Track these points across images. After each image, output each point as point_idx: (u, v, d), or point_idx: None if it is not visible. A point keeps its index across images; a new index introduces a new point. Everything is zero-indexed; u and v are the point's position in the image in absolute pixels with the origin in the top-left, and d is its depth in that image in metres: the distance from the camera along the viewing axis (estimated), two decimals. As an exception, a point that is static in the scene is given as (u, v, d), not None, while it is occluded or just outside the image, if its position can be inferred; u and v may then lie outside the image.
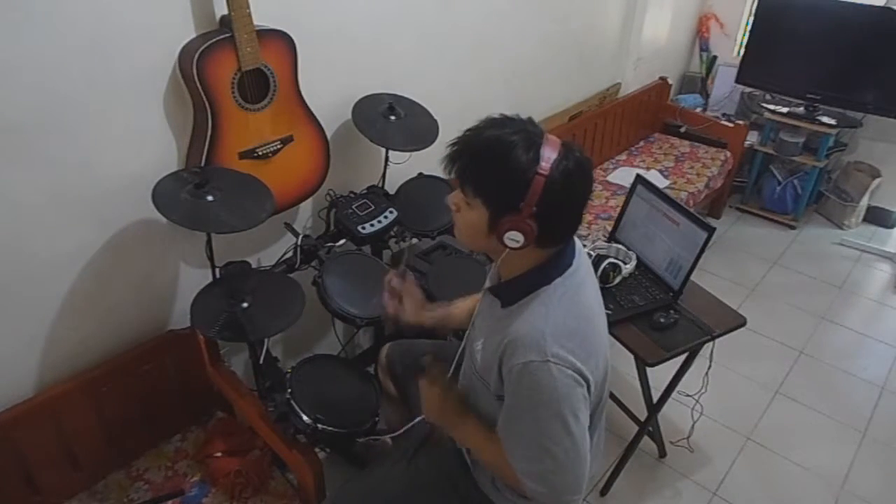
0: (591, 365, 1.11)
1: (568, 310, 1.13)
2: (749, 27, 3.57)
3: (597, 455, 1.33)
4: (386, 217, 1.94)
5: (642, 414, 2.12)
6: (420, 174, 2.16)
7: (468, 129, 1.10)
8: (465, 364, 1.35)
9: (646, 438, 2.15)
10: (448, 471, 1.37)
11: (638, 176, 2.14)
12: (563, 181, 1.03)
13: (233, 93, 1.56)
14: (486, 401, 1.23)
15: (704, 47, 4.03)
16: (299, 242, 1.84)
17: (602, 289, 1.33)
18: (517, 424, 1.13)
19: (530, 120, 1.10)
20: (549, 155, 1.03)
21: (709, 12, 3.97)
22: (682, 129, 3.69)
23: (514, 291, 1.17)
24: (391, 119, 1.94)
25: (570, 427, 1.08)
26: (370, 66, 2.04)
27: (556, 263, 1.15)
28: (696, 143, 3.61)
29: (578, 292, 1.17)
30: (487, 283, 1.28)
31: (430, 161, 2.21)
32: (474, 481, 1.36)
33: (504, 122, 1.08)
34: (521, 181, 1.03)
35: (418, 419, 1.49)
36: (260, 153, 1.68)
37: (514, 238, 1.07)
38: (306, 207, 2.05)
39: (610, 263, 1.98)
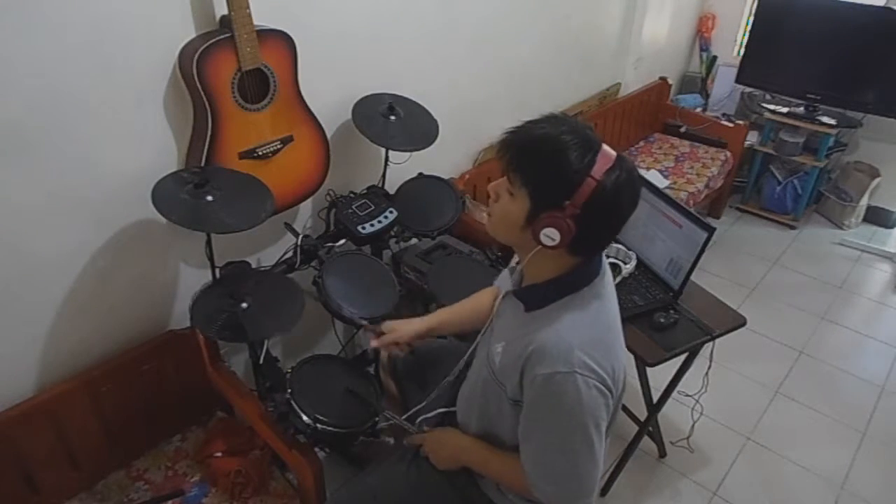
0: (615, 376, 1.12)
1: (595, 320, 1.13)
2: (749, 27, 3.57)
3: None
4: (386, 217, 1.94)
5: (642, 414, 2.12)
6: (420, 174, 2.16)
7: (527, 121, 1.09)
8: (478, 365, 1.34)
9: (646, 438, 2.15)
10: (449, 472, 1.37)
11: (638, 176, 2.14)
12: (613, 190, 1.03)
13: (233, 93, 1.56)
14: (497, 403, 1.23)
15: (704, 47, 4.03)
16: (299, 242, 1.84)
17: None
18: (537, 431, 1.14)
19: (589, 126, 1.10)
20: (603, 162, 1.03)
21: (709, 12, 3.98)
22: (682, 129, 3.69)
23: (540, 296, 1.16)
24: (391, 119, 1.94)
25: (591, 437, 1.09)
26: (370, 66, 2.04)
27: (585, 271, 1.14)
28: (696, 143, 3.61)
29: (604, 302, 1.17)
30: (508, 286, 1.27)
31: (430, 161, 2.22)
32: (476, 482, 1.36)
33: (563, 120, 1.08)
34: (572, 180, 1.03)
35: (420, 417, 1.49)
36: (260, 153, 1.68)
37: (550, 235, 1.05)
38: (306, 207, 2.05)
39: (610, 263, 1.98)
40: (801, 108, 3.45)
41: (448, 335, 1.62)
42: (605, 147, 1.06)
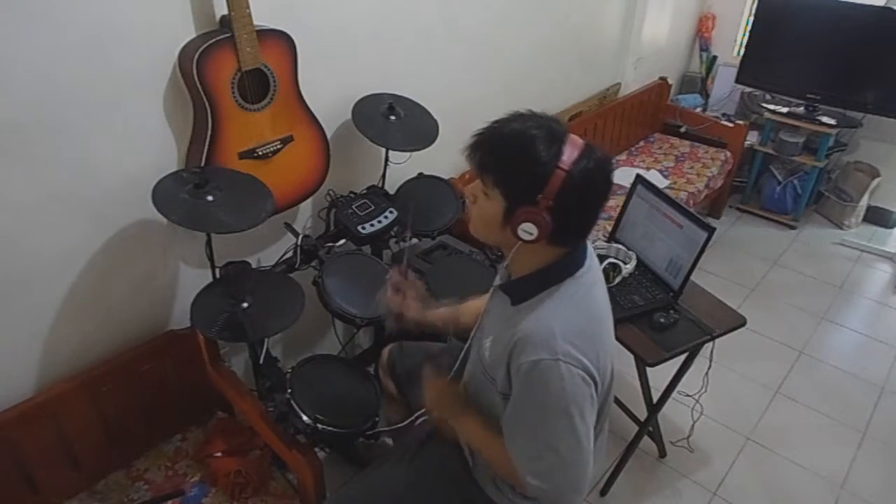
0: (599, 365, 1.12)
1: (578, 309, 1.14)
2: (749, 27, 3.57)
3: (599, 456, 1.34)
4: (386, 217, 1.94)
5: (642, 414, 2.12)
6: (420, 174, 2.16)
7: (493, 121, 1.10)
8: (472, 363, 1.35)
9: (646, 438, 2.15)
10: (449, 471, 1.37)
11: (638, 176, 2.14)
12: (582, 179, 1.05)
13: (233, 93, 1.56)
14: (490, 399, 1.24)
15: (704, 47, 4.03)
16: (299, 242, 1.84)
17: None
18: (523, 421, 1.14)
19: (555, 118, 1.11)
20: (571, 152, 1.05)
21: (709, 12, 3.98)
22: (682, 129, 3.69)
23: (524, 289, 1.17)
24: (391, 119, 1.94)
25: (575, 426, 1.09)
26: (370, 65, 2.04)
27: (567, 263, 1.15)
28: (696, 143, 3.61)
29: (589, 293, 1.18)
30: (497, 281, 1.28)
31: (430, 161, 2.21)
32: (475, 481, 1.36)
33: (529, 116, 1.09)
34: (542, 174, 1.04)
35: (421, 419, 1.49)
36: (260, 153, 1.68)
37: (527, 230, 1.07)
38: (306, 207, 2.05)
39: (610, 263, 1.98)
40: (801, 108, 3.45)
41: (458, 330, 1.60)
42: (573, 136, 1.07)
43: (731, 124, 3.57)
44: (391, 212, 1.95)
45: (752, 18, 3.58)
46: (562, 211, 1.06)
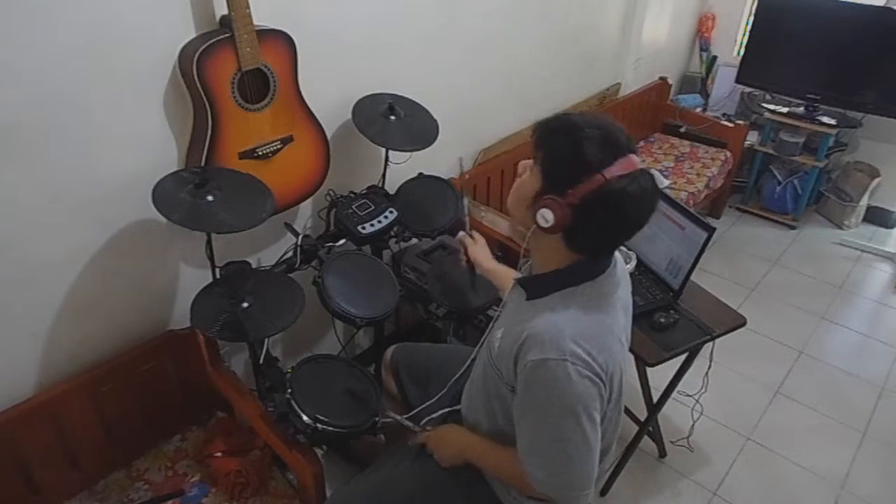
0: (608, 370, 1.11)
1: (593, 316, 1.14)
2: (749, 27, 3.57)
3: (607, 459, 1.35)
4: (386, 217, 1.94)
5: (642, 414, 2.12)
6: (420, 174, 2.16)
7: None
8: (482, 354, 1.35)
9: (646, 438, 2.15)
10: (454, 470, 1.37)
11: (638, 176, 2.14)
12: (618, 195, 1.05)
13: (233, 93, 1.56)
14: (497, 389, 1.24)
15: (704, 47, 4.03)
16: (299, 242, 1.84)
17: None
18: (530, 417, 1.14)
19: (625, 133, 1.11)
20: (621, 167, 1.05)
21: (709, 12, 3.98)
22: (682, 129, 3.69)
23: (540, 286, 1.18)
24: (391, 119, 1.94)
25: (582, 425, 1.09)
26: (370, 65, 2.04)
27: (588, 267, 1.16)
28: (696, 143, 3.61)
29: (607, 300, 1.17)
30: (519, 274, 1.30)
31: (430, 161, 2.22)
32: (480, 479, 1.37)
33: (603, 120, 1.10)
34: (582, 171, 1.05)
35: (426, 418, 1.49)
36: (260, 153, 1.68)
37: (544, 216, 1.08)
38: (306, 207, 2.05)
39: (610, 263, 1.98)
40: (801, 108, 3.45)
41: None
42: (633, 157, 1.08)
43: (731, 124, 3.58)
44: (391, 212, 1.95)
45: (752, 18, 3.57)
46: (584, 213, 1.06)
